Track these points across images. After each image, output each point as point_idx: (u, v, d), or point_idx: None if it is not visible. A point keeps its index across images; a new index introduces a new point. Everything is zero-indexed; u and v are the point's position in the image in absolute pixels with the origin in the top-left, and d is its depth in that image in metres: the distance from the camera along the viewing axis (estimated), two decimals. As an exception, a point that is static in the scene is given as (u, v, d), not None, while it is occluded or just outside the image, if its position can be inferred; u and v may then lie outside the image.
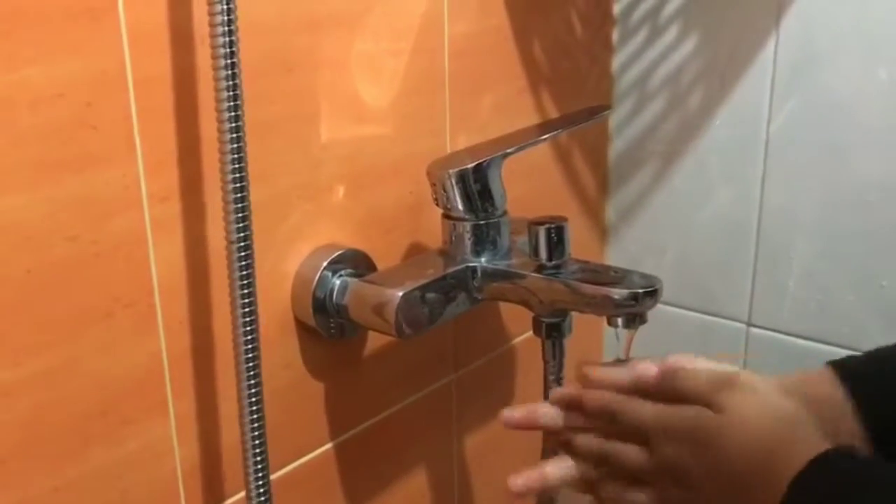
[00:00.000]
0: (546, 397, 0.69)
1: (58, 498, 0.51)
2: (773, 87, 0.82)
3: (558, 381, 0.66)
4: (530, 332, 0.67)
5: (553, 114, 0.83)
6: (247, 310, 0.54)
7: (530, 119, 0.81)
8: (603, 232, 0.96)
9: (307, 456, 0.66)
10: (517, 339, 0.85)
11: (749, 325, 0.89)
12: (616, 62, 0.91)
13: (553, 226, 0.60)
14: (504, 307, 0.83)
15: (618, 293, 0.57)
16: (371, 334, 0.69)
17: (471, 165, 0.62)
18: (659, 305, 0.95)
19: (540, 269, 0.62)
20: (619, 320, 0.58)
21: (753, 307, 0.88)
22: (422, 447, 0.78)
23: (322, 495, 0.68)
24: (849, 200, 0.79)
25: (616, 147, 0.94)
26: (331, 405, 0.67)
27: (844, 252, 0.81)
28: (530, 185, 0.81)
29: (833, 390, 0.53)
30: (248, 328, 0.54)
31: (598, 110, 0.79)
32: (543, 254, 0.61)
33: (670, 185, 0.91)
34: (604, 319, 0.60)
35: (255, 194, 0.54)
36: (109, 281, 0.51)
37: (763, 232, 0.86)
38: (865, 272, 0.80)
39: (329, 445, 0.68)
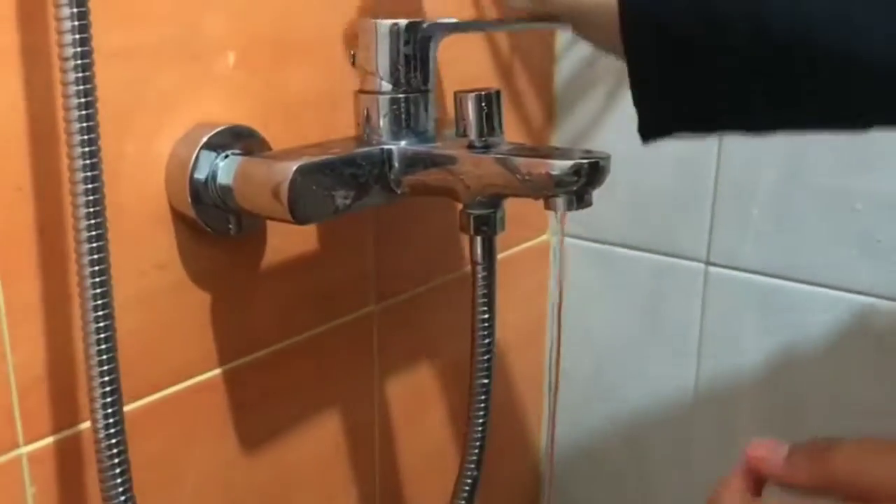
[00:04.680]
0: (474, 326, 0.59)
1: None
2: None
3: (489, 291, 0.56)
4: (462, 270, 0.57)
5: (493, 16, 0.74)
6: (90, 194, 0.43)
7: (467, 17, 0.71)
8: (548, 165, 0.87)
9: (188, 381, 0.55)
10: (448, 276, 0.75)
11: (708, 264, 0.80)
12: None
13: (483, 93, 0.50)
14: (437, 238, 0.72)
15: (558, 166, 0.47)
16: (271, 238, 0.58)
17: (406, 21, 0.52)
18: (610, 247, 0.87)
19: (469, 149, 0.52)
20: (560, 202, 0.48)
21: (712, 244, 0.79)
22: (337, 387, 0.67)
23: (205, 431, 0.57)
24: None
25: (562, 69, 0.84)
26: (220, 321, 0.56)
27: (814, 174, 0.72)
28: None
29: None
30: (93, 205, 0.43)
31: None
32: (473, 129, 0.51)
33: (622, 110, 0.82)
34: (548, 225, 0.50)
35: (114, 40, 0.44)
36: None
37: (724, 156, 0.77)
38: (837, 195, 0.72)
39: (216, 371, 0.57)
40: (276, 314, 0.60)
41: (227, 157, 0.52)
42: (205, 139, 0.51)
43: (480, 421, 0.60)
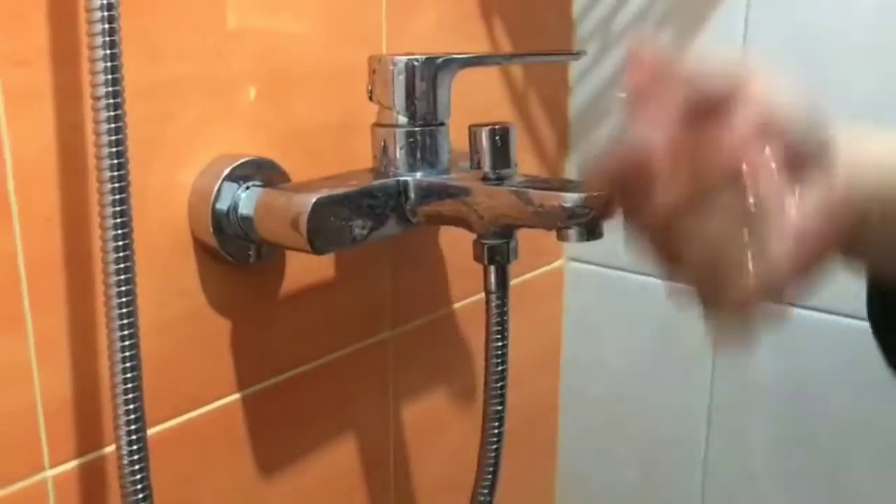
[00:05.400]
0: (488, 354, 0.59)
1: None
2: (748, 26, 0.74)
3: (502, 319, 0.57)
4: (477, 296, 0.58)
5: (507, 48, 0.75)
6: (120, 228, 0.44)
7: (482, 49, 0.73)
8: (562, 192, 0.88)
9: (206, 407, 0.56)
10: (463, 302, 0.76)
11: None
12: (577, 5, 0.83)
13: (497, 127, 0.52)
14: (452, 265, 0.74)
15: (570, 199, 0.49)
16: (290, 266, 0.59)
17: (422, 57, 0.54)
18: (623, 273, 0.88)
19: (482, 180, 0.53)
20: (572, 233, 0.50)
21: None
22: (352, 411, 0.68)
23: (223, 456, 0.58)
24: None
25: (576, 99, 0.86)
26: (239, 347, 0.58)
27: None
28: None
29: None
30: (121, 238, 0.45)
31: (566, 52, 0.72)
32: (487, 161, 0.52)
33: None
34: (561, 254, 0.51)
35: (141, 76, 0.46)
36: (-56, 154, 0.42)
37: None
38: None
39: (235, 396, 0.58)
40: (294, 340, 0.62)
41: (248, 188, 0.53)
42: (227, 171, 0.52)
43: (494, 447, 0.61)
